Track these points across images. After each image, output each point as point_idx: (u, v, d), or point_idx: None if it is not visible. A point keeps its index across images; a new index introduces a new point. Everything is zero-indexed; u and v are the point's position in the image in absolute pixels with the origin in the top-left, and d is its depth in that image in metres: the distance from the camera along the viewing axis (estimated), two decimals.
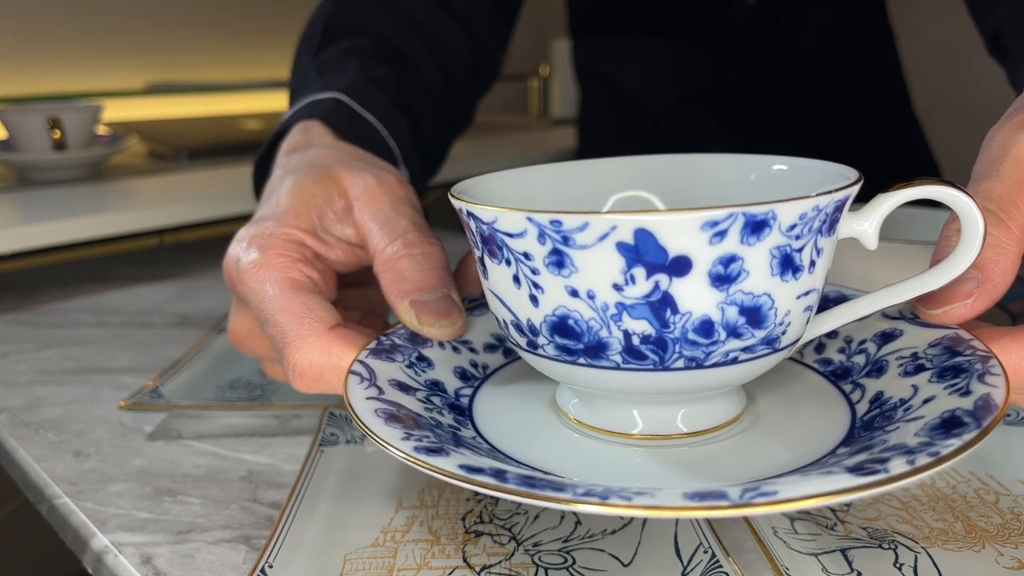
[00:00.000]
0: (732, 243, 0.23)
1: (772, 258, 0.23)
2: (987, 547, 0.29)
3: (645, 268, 0.23)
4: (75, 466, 0.37)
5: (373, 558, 0.29)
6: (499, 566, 0.28)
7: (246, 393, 0.44)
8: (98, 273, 0.74)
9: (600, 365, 0.25)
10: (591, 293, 0.24)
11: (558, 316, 0.25)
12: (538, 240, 0.24)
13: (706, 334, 0.24)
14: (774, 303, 0.24)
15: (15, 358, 0.52)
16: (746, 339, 0.24)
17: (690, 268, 0.23)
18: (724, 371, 0.25)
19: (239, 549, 0.31)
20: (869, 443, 0.24)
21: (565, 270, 0.24)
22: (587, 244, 0.23)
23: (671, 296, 0.23)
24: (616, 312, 0.24)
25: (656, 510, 0.20)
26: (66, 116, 0.87)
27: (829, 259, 0.26)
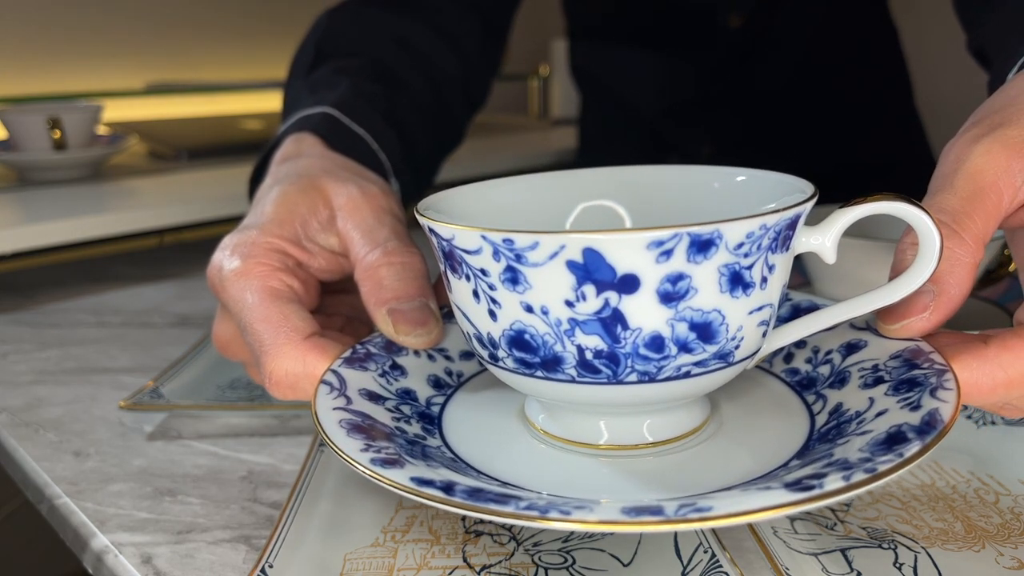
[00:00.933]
0: (679, 262, 0.23)
1: (720, 276, 0.24)
2: (987, 547, 0.29)
3: (595, 285, 0.23)
4: (75, 466, 0.37)
5: (373, 558, 0.29)
6: (499, 566, 0.28)
7: (246, 393, 0.44)
8: (98, 273, 0.74)
9: (556, 378, 0.26)
10: (545, 309, 0.24)
11: (515, 331, 0.25)
12: (493, 257, 0.24)
13: (657, 349, 0.24)
14: (725, 319, 0.24)
15: (15, 358, 0.52)
16: (698, 354, 0.25)
17: (638, 286, 0.23)
18: (678, 384, 0.25)
19: (239, 549, 0.31)
20: (817, 457, 0.25)
21: (520, 287, 0.24)
22: (539, 262, 0.23)
23: (621, 312, 0.24)
24: (569, 328, 0.24)
25: (592, 524, 0.20)
26: (66, 116, 0.87)
27: (784, 274, 0.26)
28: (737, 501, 0.20)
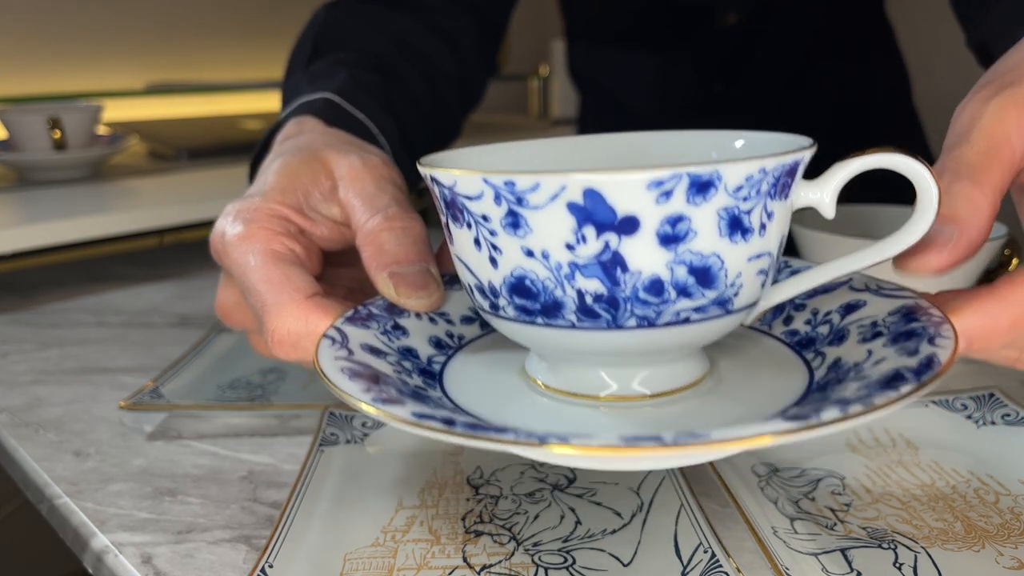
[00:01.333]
0: (678, 203, 0.23)
1: (720, 219, 0.24)
2: (987, 547, 0.29)
3: (595, 227, 0.23)
4: (75, 466, 0.37)
5: (373, 558, 0.29)
6: (499, 566, 0.28)
7: (246, 393, 0.44)
8: (98, 273, 0.74)
9: (556, 324, 0.26)
10: (545, 253, 0.24)
11: (516, 277, 0.25)
12: (495, 202, 0.24)
13: (656, 293, 0.24)
14: (724, 264, 0.24)
15: (15, 358, 0.52)
16: (697, 299, 0.25)
17: (638, 227, 0.23)
18: (677, 331, 0.25)
19: (239, 549, 0.31)
20: (815, 400, 0.25)
21: (520, 231, 0.24)
22: (540, 204, 0.24)
23: (621, 255, 0.24)
24: (569, 271, 0.24)
25: (593, 450, 0.20)
26: (66, 116, 0.87)
27: (783, 225, 0.26)
28: (734, 429, 0.20)
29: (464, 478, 0.34)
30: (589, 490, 0.33)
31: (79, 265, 0.77)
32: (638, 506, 0.31)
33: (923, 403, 0.38)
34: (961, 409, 0.38)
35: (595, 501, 0.32)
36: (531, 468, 0.35)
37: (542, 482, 0.34)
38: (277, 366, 0.48)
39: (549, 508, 0.32)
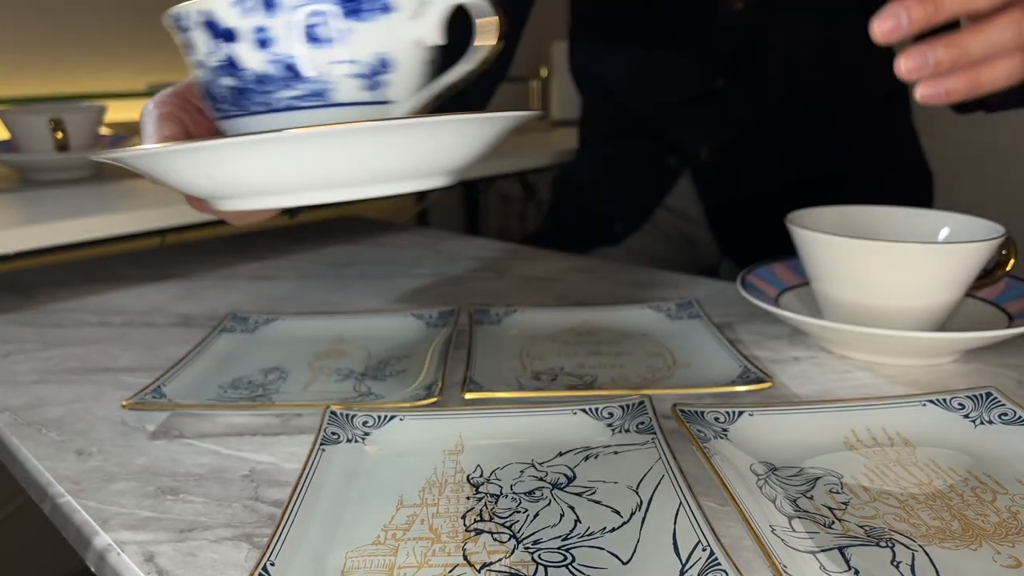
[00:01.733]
0: (259, 16, 0.32)
1: (296, 28, 0.32)
2: (984, 545, 0.29)
3: (214, 39, 0.33)
4: (78, 465, 0.38)
5: (374, 556, 0.29)
6: (499, 564, 0.28)
7: (248, 393, 0.44)
8: (100, 273, 0.74)
9: (227, 115, 0.35)
10: (202, 63, 0.34)
11: (203, 87, 0.35)
12: (178, 31, 0.35)
13: (262, 83, 0.33)
14: (309, 63, 0.32)
15: (18, 358, 0.52)
16: (296, 89, 0.33)
17: (237, 36, 0.32)
18: (292, 116, 0.33)
19: (241, 547, 0.31)
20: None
21: (192, 50, 0.34)
22: (190, 28, 0.33)
23: (234, 57, 0.33)
24: (216, 74, 0.34)
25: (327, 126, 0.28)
26: (68, 117, 0.88)
27: (376, 42, 0.33)
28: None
29: (464, 477, 0.34)
30: (588, 489, 0.33)
31: (81, 265, 0.77)
32: (637, 505, 0.32)
33: (921, 402, 0.39)
34: (959, 408, 0.38)
35: (594, 500, 0.32)
36: (531, 467, 0.35)
37: (542, 481, 0.34)
38: (278, 366, 0.48)
39: (549, 507, 0.32)
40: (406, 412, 0.38)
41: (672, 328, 0.53)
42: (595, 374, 0.46)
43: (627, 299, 0.60)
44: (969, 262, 0.45)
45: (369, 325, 0.55)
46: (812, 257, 0.48)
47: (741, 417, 0.37)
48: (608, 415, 0.38)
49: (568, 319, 0.55)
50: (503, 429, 0.38)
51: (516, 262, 0.74)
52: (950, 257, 0.44)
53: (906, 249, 0.44)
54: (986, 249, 0.45)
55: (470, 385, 0.42)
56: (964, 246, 0.44)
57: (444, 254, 0.78)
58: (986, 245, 0.44)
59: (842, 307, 0.48)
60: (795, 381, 0.45)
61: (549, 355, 0.49)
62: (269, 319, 0.55)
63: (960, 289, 0.46)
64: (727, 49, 0.76)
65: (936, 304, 0.46)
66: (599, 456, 0.36)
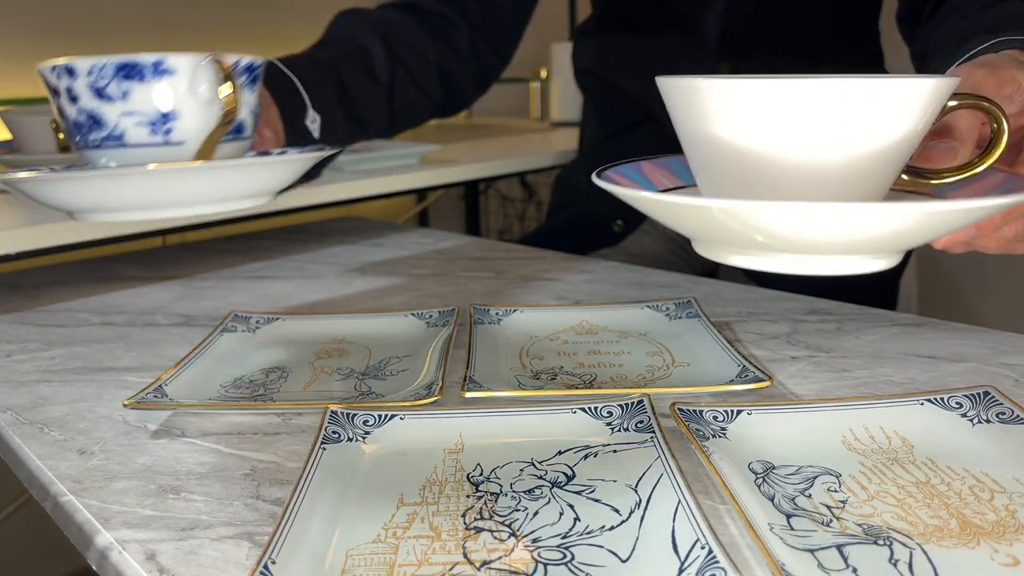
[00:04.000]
0: (66, 80, 0.41)
1: (90, 89, 0.41)
2: (982, 544, 0.29)
3: (51, 92, 0.42)
4: (79, 464, 0.38)
5: (375, 554, 0.29)
6: (499, 562, 0.28)
7: (249, 392, 0.44)
8: (102, 274, 0.75)
9: (76, 145, 0.44)
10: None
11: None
12: (56, 78, 0.42)
13: (78, 128, 0.42)
14: (104, 115, 0.41)
15: (20, 357, 0.53)
16: (99, 132, 0.42)
17: (59, 93, 0.42)
18: (103, 152, 0.42)
19: (242, 545, 0.31)
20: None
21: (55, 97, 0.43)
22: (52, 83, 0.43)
23: (61, 107, 0.42)
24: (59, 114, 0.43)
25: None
26: None
27: (153, 97, 0.41)
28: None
29: (464, 475, 0.34)
30: (588, 487, 0.33)
31: (83, 266, 0.77)
32: (636, 503, 0.32)
33: (919, 401, 0.39)
34: (956, 407, 0.38)
35: (594, 498, 0.32)
36: (531, 466, 0.35)
37: (541, 479, 0.34)
38: (280, 366, 0.48)
39: (548, 505, 0.32)
40: (406, 411, 0.38)
41: (671, 327, 0.53)
42: (594, 373, 0.46)
43: (626, 299, 0.61)
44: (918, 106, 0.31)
45: (370, 325, 0.55)
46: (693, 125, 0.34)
47: (740, 416, 0.37)
48: (607, 414, 0.38)
49: (568, 319, 0.55)
50: (503, 428, 0.38)
51: (516, 262, 0.74)
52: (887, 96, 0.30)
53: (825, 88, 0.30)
54: (943, 89, 0.32)
55: (470, 384, 0.42)
56: (900, 81, 0.30)
57: (444, 254, 0.78)
58: (943, 83, 0.31)
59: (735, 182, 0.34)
60: (793, 380, 0.45)
61: (549, 355, 0.49)
62: (270, 319, 0.55)
63: (901, 153, 0.32)
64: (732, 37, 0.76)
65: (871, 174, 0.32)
66: (598, 455, 0.36)
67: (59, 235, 0.66)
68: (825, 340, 0.51)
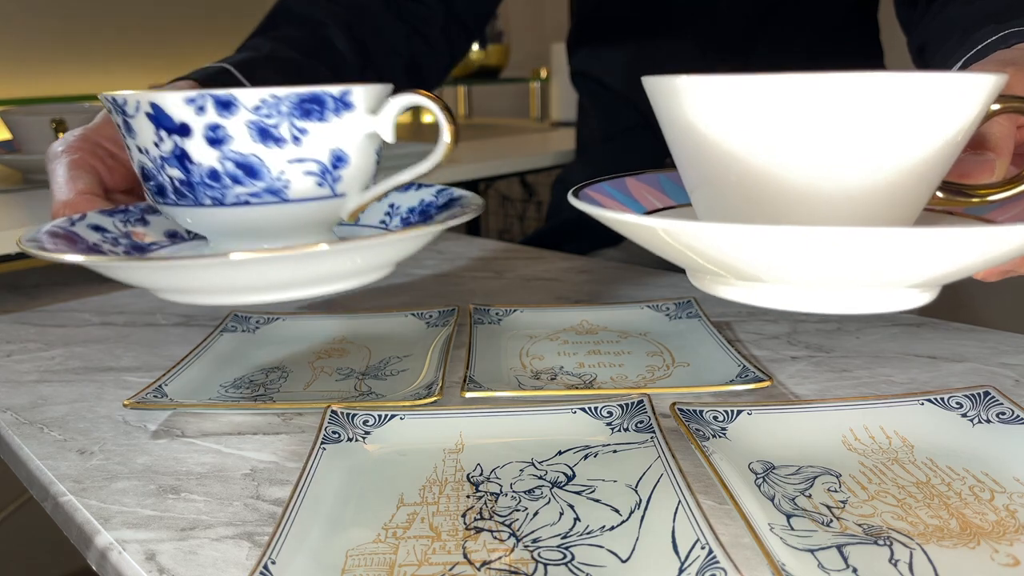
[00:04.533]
0: (212, 115, 0.32)
1: (250, 129, 0.33)
2: (982, 544, 0.29)
3: (165, 131, 0.33)
4: (79, 464, 0.38)
5: (375, 554, 0.29)
6: (499, 562, 0.28)
7: (249, 392, 0.44)
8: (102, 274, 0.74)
9: (167, 202, 0.35)
10: (146, 149, 0.34)
11: (139, 167, 0.35)
12: (115, 113, 0.35)
13: (215, 179, 0.33)
14: (263, 162, 0.33)
15: (20, 357, 0.53)
16: (248, 187, 0.33)
17: (191, 132, 0.33)
18: (245, 211, 0.34)
19: (242, 546, 0.31)
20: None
21: (132, 133, 0.34)
22: (133, 114, 0.33)
23: (186, 151, 0.33)
24: (160, 163, 0.34)
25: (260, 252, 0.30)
26: (70, 118, 0.88)
27: (331, 140, 0.34)
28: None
29: (464, 475, 0.34)
30: (588, 487, 0.33)
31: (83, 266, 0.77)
32: (636, 503, 0.32)
33: (919, 401, 0.39)
34: (956, 407, 0.38)
35: (594, 498, 0.32)
36: (531, 466, 0.35)
37: (541, 479, 0.34)
38: (280, 365, 0.48)
39: (548, 505, 0.32)
40: (406, 411, 0.38)
41: (671, 327, 0.53)
42: (594, 373, 0.46)
43: (627, 299, 0.61)
44: (959, 112, 0.26)
45: (370, 325, 0.55)
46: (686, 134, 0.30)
47: (740, 416, 0.37)
48: (607, 414, 0.38)
49: (568, 319, 0.55)
50: (503, 428, 0.38)
51: (516, 262, 0.74)
52: (927, 95, 0.25)
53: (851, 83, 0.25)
54: (987, 88, 0.27)
55: (470, 384, 0.42)
56: (953, 76, 0.26)
57: (444, 254, 0.78)
58: (989, 81, 0.26)
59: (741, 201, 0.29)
60: (793, 380, 0.45)
61: (549, 355, 0.49)
62: (270, 319, 0.55)
63: (942, 165, 0.28)
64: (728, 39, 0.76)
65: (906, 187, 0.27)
66: (598, 455, 0.36)
67: None
68: (825, 340, 0.51)
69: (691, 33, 0.77)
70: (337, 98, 0.34)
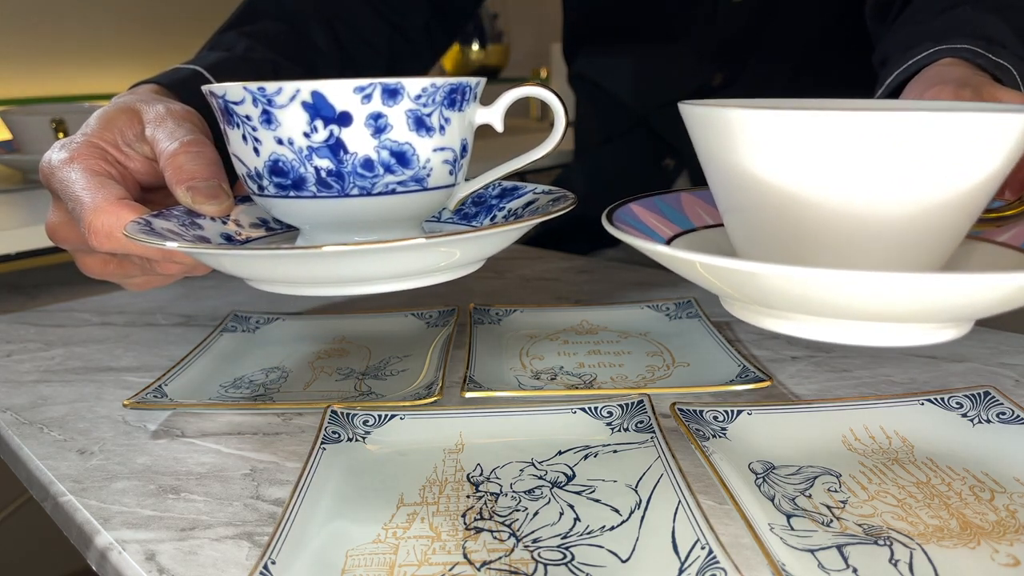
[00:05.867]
0: (376, 104, 0.33)
1: (408, 117, 0.34)
2: (982, 544, 0.29)
3: (322, 120, 0.33)
4: (79, 464, 0.38)
5: (375, 554, 0.29)
6: (499, 562, 0.28)
7: (249, 392, 0.44)
8: None
9: (303, 196, 0.35)
10: (291, 140, 0.33)
11: (272, 160, 0.34)
12: (253, 104, 0.33)
13: (369, 169, 0.34)
14: (415, 151, 0.34)
15: (20, 357, 0.53)
16: (398, 175, 0.34)
17: (351, 120, 0.33)
18: (388, 199, 0.35)
19: (242, 546, 0.31)
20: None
21: (273, 125, 0.33)
22: (283, 104, 0.33)
23: (342, 140, 0.33)
24: (308, 154, 0.33)
25: (352, 244, 0.31)
26: (70, 118, 0.88)
27: (462, 130, 0.36)
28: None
29: (464, 475, 0.34)
30: (588, 487, 0.33)
31: None
32: (636, 503, 0.32)
33: (919, 401, 0.39)
34: (956, 407, 0.38)
35: (594, 498, 0.32)
36: (531, 466, 0.35)
37: (541, 479, 0.34)
38: (279, 366, 0.48)
39: (548, 505, 0.32)
40: (406, 411, 0.38)
41: (671, 327, 0.53)
42: (594, 373, 0.46)
43: (627, 299, 0.61)
44: (997, 148, 0.26)
45: (370, 325, 0.55)
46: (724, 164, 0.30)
47: (740, 416, 0.37)
48: (607, 414, 0.38)
49: (568, 319, 0.55)
50: (503, 428, 0.38)
51: (516, 262, 0.74)
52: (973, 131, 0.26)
53: (897, 121, 0.25)
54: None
55: (470, 384, 0.42)
56: (992, 116, 0.25)
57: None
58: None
59: (769, 239, 0.30)
60: (793, 380, 0.45)
61: (549, 355, 0.49)
62: (270, 319, 0.55)
63: (977, 204, 0.28)
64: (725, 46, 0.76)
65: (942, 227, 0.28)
66: (598, 455, 0.36)
67: None
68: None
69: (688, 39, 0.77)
70: (473, 88, 0.36)
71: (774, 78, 0.76)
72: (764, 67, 0.76)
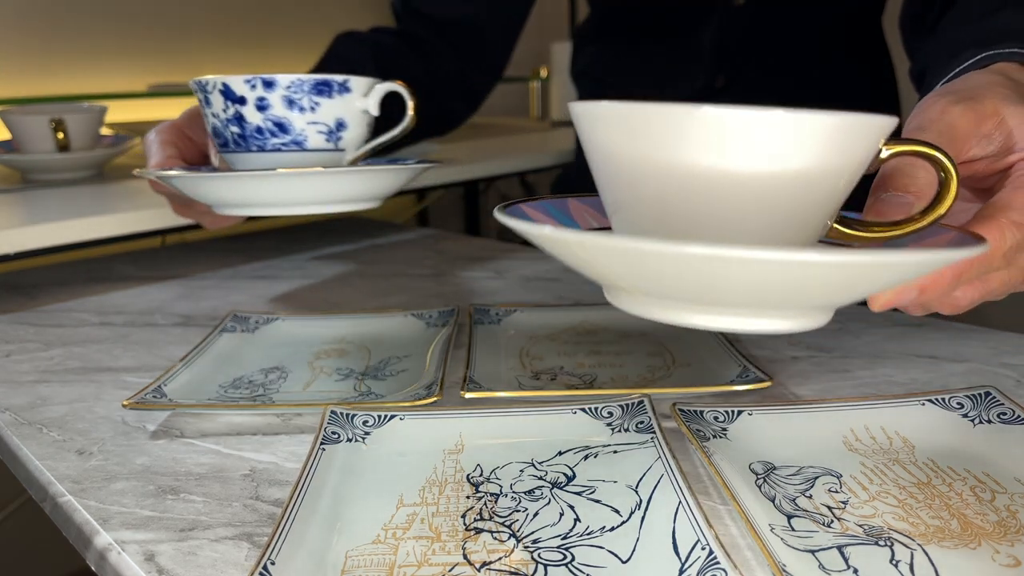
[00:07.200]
0: (260, 91, 0.47)
1: (283, 100, 0.47)
2: (983, 544, 0.29)
3: (231, 101, 0.47)
4: (78, 464, 0.38)
5: (374, 555, 0.29)
6: (499, 563, 0.28)
7: (248, 392, 0.44)
8: (101, 273, 0.74)
9: (228, 151, 0.49)
10: (217, 114, 0.48)
11: (211, 127, 0.50)
12: (200, 91, 0.49)
13: (259, 133, 0.48)
14: (291, 123, 0.48)
15: (19, 358, 0.52)
16: (281, 139, 0.48)
17: (246, 102, 0.47)
18: (277, 155, 0.48)
19: (241, 546, 0.31)
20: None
21: (209, 104, 0.48)
22: (211, 91, 0.48)
23: (242, 114, 0.47)
24: (226, 123, 0.48)
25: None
26: (69, 118, 0.88)
27: (336, 111, 0.48)
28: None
29: (464, 476, 0.34)
30: (588, 488, 0.33)
31: (82, 265, 0.77)
32: (636, 504, 0.32)
33: (920, 402, 0.39)
34: (957, 408, 0.38)
35: (594, 499, 0.32)
36: (531, 466, 0.35)
37: (541, 480, 0.34)
38: (279, 366, 0.48)
39: (548, 506, 0.32)
40: (406, 412, 0.38)
41: (671, 327, 0.53)
42: (594, 373, 0.46)
43: None
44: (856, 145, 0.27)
45: (369, 325, 0.55)
46: (603, 162, 0.31)
47: (740, 416, 0.37)
48: (607, 414, 0.38)
49: (568, 319, 0.55)
50: (503, 428, 0.38)
51: (516, 262, 0.74)
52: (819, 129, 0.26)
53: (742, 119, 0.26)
54: (878, 130, 0.28)
55: (470, 385, 0.42)
56: (848, 117, 0.26)
57: (444, 254, 0.78)
58: (879, 124, 0.27)
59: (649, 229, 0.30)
60: (794, 380, 0.45)
61: (549, 355, 0.49)
62: (269, 319, 0.55)
63: (826, 199, 0.28)
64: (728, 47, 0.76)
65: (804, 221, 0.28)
66: (598, 455, 0.36)
67: (58, 235, 0.66)
68: (826, 340, 0.51)
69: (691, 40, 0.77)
70: (340, 83, 0.48)
71: (776, 80, 0.76)
72: (765, 69, 0.76)
